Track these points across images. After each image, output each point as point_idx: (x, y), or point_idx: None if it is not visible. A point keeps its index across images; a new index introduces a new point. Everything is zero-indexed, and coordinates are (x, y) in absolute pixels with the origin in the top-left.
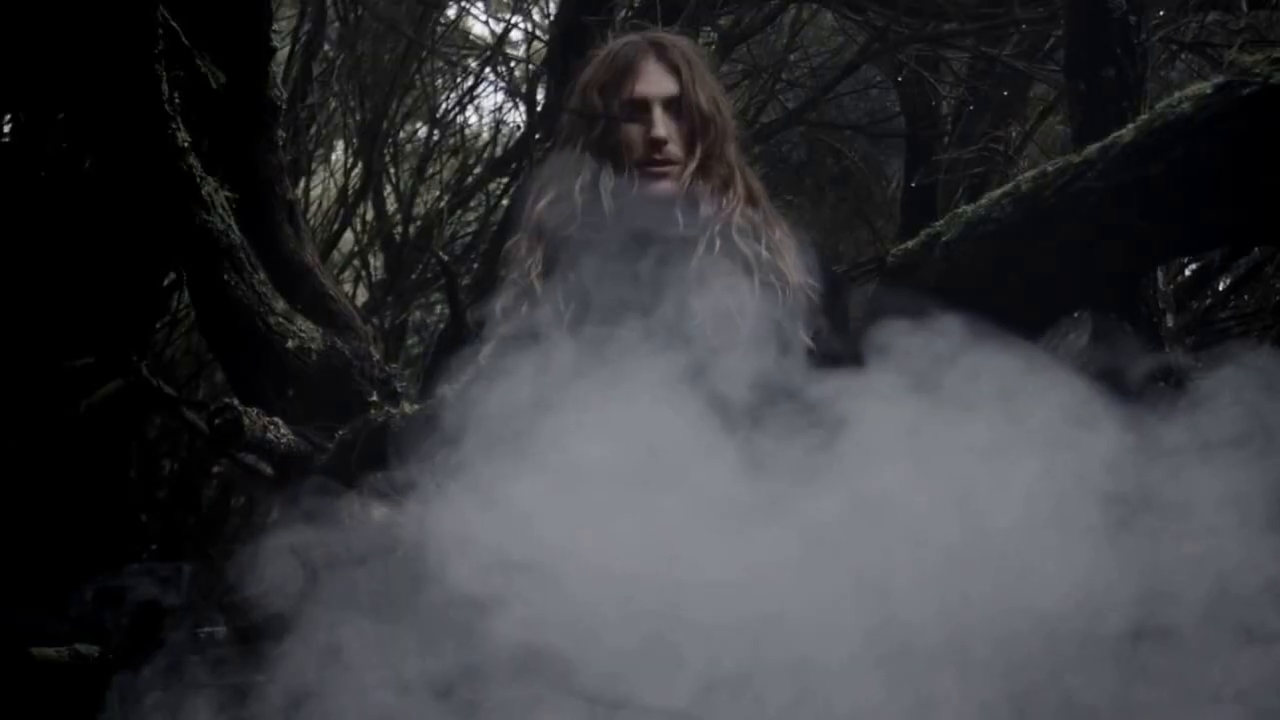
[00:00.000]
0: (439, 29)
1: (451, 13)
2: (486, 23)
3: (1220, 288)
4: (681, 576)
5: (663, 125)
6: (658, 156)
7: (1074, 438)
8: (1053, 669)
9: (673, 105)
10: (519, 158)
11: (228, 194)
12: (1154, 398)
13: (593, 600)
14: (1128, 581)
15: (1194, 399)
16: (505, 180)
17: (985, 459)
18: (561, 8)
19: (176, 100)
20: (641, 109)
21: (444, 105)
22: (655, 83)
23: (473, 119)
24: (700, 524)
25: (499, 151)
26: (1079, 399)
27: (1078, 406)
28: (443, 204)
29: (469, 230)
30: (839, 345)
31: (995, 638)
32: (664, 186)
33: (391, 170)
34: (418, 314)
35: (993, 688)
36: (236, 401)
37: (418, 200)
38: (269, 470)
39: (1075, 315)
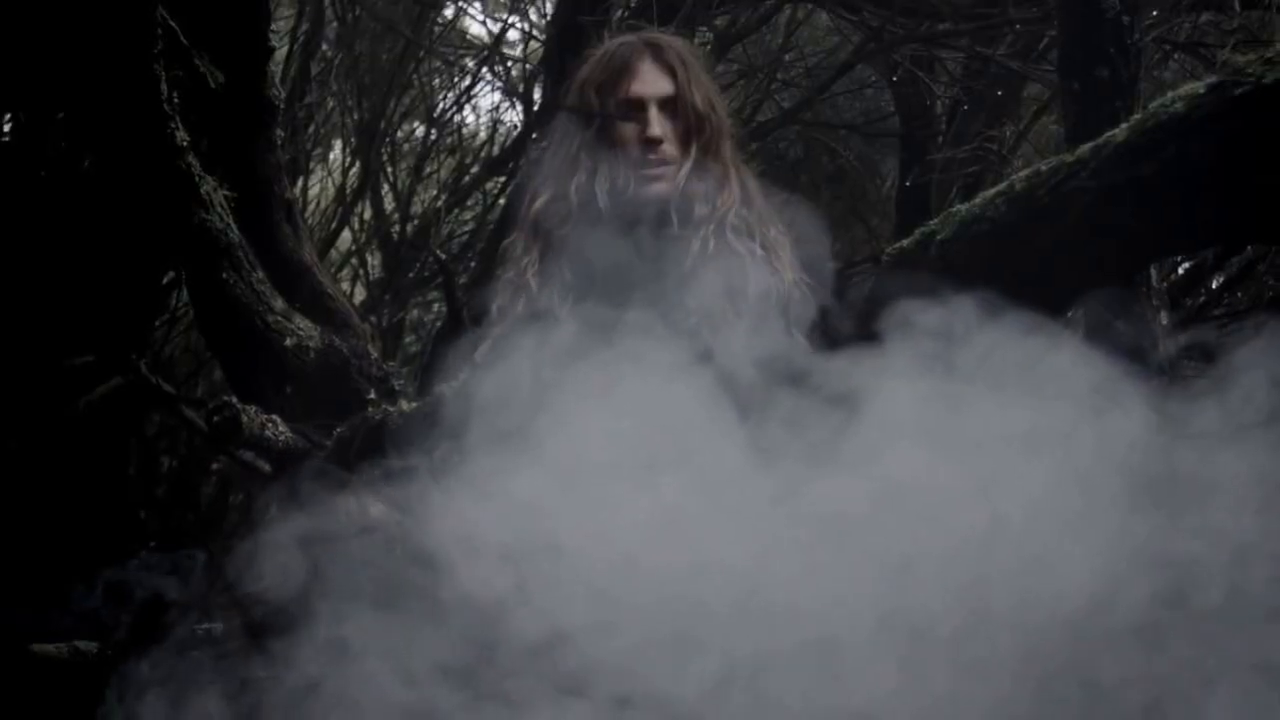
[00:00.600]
0: (436, 29)
1: (449, 12)
2: (484, 22)
3: (1214, 285)
4: (679, 566)
5: (658, 125)
6: (653, 156)
7: (1098, 414)
8: (1072, 652)
9: (668, 105)
10: (516, 157)
11: (226, 193)
12: (1179, 376)
13: (593, 592)
14: (1150, 562)
15: (1220, 376)
16: (502, 179)
17: (1003, 437)
18: (558, 8)
19: (175, 100)
20: (637, 108)
21: (441, 104)
22: (651, 83)
23: (470, 118)
24: (695, 514)
25: (496, 151)
26: (1102, 375)
27: (1101, 382)
28: (440, 203)
29: (466, 229)
30: (842, 329)
31: (1012, 619)
32: (659, 186)
33: (389, 169)
34: (415, 312)
35: (1013, 668)
36: (235, 399)
37: (415, 199)
38: (267, 467)
39: (1070, 315)
